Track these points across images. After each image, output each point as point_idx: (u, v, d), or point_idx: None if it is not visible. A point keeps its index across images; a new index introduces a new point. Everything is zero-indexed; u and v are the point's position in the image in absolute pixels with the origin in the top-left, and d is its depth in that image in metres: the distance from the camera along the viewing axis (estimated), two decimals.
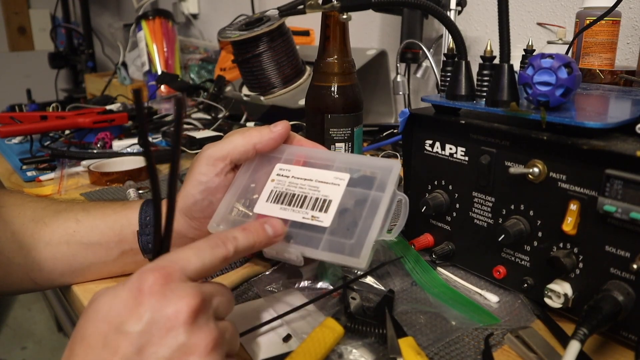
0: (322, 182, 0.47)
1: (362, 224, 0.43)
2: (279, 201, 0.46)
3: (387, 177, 0.46)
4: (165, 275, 0.32)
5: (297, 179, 0.48)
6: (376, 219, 0.43)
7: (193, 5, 2.02)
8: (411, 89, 1.12)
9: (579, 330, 0.37)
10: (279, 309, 0.46)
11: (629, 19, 0.86)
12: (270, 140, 0.49)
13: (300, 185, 0.47)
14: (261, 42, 0.98)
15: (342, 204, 0.45)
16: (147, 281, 0.32)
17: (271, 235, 0.42)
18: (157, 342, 0.31)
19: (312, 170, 0.48)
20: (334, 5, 0.57)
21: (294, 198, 0.46)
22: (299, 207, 0.45)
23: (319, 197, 0.46)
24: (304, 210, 0.45)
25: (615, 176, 0.39)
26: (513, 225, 0.46)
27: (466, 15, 1.11)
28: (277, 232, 0.42)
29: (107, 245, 0.50)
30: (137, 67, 1.63)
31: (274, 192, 0.47)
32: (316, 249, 0.43)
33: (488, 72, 0.50)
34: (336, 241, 0.43)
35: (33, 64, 2.68)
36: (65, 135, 1.02)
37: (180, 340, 0.31)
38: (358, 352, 0.41)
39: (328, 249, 0.43)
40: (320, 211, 0.45)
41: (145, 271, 0.32)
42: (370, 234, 0.42)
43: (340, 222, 0.44)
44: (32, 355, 1.85)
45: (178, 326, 0.31)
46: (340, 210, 0.44)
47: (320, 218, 0.44)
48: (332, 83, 0.63)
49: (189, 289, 0.33)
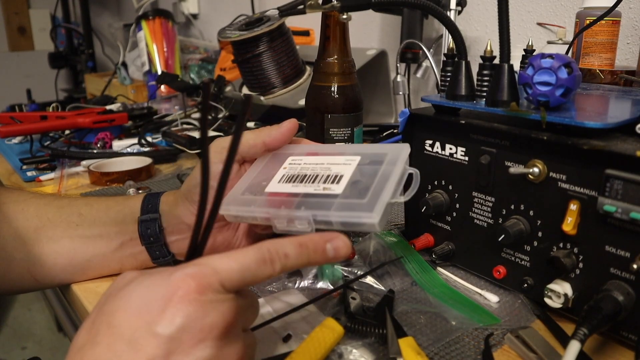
0: (333, 164, 0.47)
1: (375, 187, 0.43)
2: (291, 181, 0.47)
3: (397, 154, 0.45)
4: (205, 285, 0.31)
5: (309, 164, 0.48)
6: (389, 183, 0.42)
7: (193, 5, 2.02)
8: (411, 89, 1.12)
9: (579, 330, 0.37)
10: (279, 309, 0.46)
11: (629, 19, 0.86)
12: (279, 135, 0.50)
13: (312, 167, 0.47)
14: (261, 42, 0.98)
15: (353, 177, 0.45)
16: (186, 286, 0.30)
17: (330, 257, 0.36)
18: (186, 350, 0.30)
19: (323, 157, 0.48)
20: (334, 5, 0.57)
21: (305, 177, 0.46)
22: (310, 183, 0.45)
23: (330, 174, 0.46)
24: (316, 185, 0.45)
25: (615, 176, 0.39)
26: (513, 225, 0.46)
27: (466, 15, 1.11)
28: (339, 254, 0.36)
29: (108, 236, 0.50)
30: (137, 67, 1.63)
31: (286, 175, 0.48)
32: (328, 211, 0.42)
33: (488, 72, 0.50)
34: (348, 202, 0.42)
35: (33, 64, 2.68)
36: (65, 135, 1.02)
37: (209, 353, 0.30)
38: (358, 352, 0.41)
39: (340, 209, 0.42)
40: (332, 183, 0.44)
41: (186, 276, 0.31)
42: (383, 193, 0.41)
43: (353, 190, 0.43)
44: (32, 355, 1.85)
45: (210, 339, 0.30)
46: (352, 182, 0.44)
47: (332, 188, 0.44)
48: (332, 83, 0.63)
49: (227, 303, 0.31)
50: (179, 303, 0.30)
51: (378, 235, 0.56)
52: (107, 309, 0.31)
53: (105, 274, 0.53)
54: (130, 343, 0.30)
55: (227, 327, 0.31)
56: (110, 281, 0.52)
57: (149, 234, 0.50)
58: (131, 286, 0.32)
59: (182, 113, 1.18)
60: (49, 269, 0.50)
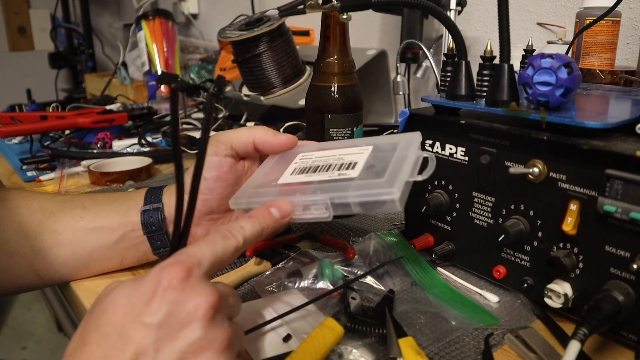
0: (346, 154, 0.45)
1: (392, 167, 0.41)
2: (303, 172, 0.45)
3: (409, 140, 0.45)
4: (185, 270, 0.33)
5: (321, 157, 0.47)
6: (406, 162, 0.41)
7: (193, 5, 2.02)
8: (411, 89, 1.12)
9: (579, 330, 0.37)
10: (279, 309, 0.46)
11: (629, 19, 0.86)
12: (273, 140, 0.50)
13: (324, 159, 0.46)
14: (261, 42, 0.98)
15: (367, 162, 0.43)
16: (167, 276, 0.32)
17: (278, 218, 0.41)
18: (174, 335, 0.31)
19: (334, 150, 0.47)
20: (334, 5, 0.57)
21: (318, 167, 0.45)
22: (324, 172, 0.44)
23: (344, 162, 0.44)
24: (330, 172, 0.43)
25: (615, 176, 0.39)
26: (513, 225, 0.46)
27: (466, 15, 1.11)
28: (285, 213, 0.41)
29: (110, 227, 0.51)
30: (137, 67, 1.63)
31: (298, 168, 0.46)
32: (345, 192, 0.40)
33: (488, 72, 0.50)
34: (366, 182, 0.41)
35: (33, 64, 2.68)
36: (65, 135, 1.02)
37: (197, 335, 0.31)
38: (358, 352, 0.41)
39: (358, 189, 0.40)
40: (347, 170, 0.43)
41: (166, 266, 0.33)
42: (401, 172, 0.40)
43: (369, 173, 0.42)
44: (32, 355, 1.85)
45: (196, 321, 0.31)
46: (367, 167, 0.43)
47: (347, 173, 0.42)
48: (332, 83, 0.63)
49: (208, 286, 0.33)
50: (164, 292, 0.32)
51: (378, 235, 0.56)
52: (94, 314, 0.33)
53: (107, 269, 0.53)
54: (120, 337, 0.31)
55: (212, 309, 0.32)
56: (111, 280, 0.53)
57: (151, 222, 0.51)
58: (116, 290, 0.33)
59: (182, 113, 1.18)
60: (51, 263, 0.50)
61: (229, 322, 0.34)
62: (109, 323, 0.31)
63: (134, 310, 0.31)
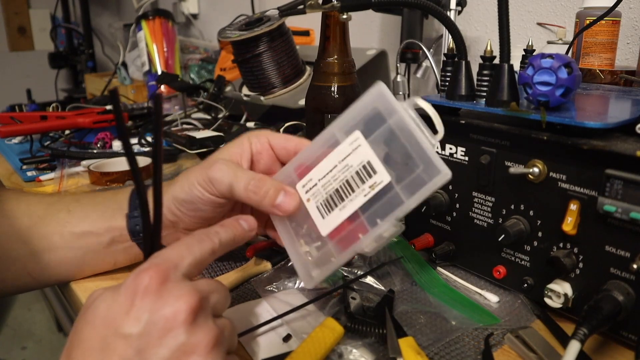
0: (345, 158, 0.42)
1: (411, 147, 0.39)
2: (331, 207, 0.42)
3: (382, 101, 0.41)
4: (161, 274, 0.32)
5: (324, 177, 0.43)
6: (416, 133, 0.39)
7: (193, 5, 2.02)
8: (411, 89, 1.12)
9: (579, 330, 0.37)
10: (279, 309, 0.46)
11: (629, 19, 0.86)
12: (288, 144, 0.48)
13: (332, 177, 0.43)
14: (261, 42, 0.98)
15: (379, 155, 0.41)
16: (143, 282, 0.32)
17: (246, 229, 0.41)
18: (156, 343, 0.31)
19: (327, 160, 0.43)
20: (334, 5, 0.57)
21: (339, 191, 0.42)
22: (351, 193, 0.41)
23: (357, 170, 0.41)
24: (358, 190, 0.41)
25: (615, 176, 0.39)
26: (513, 225, 0.46)
27: (466, 15, 1.11)
28: (251, 226, 0.42)
29: (98, 232, 0.50)
30: (137, 67, 1.63)
31: (321, 205, 0.43)
32: (403, 203, 0.38)
33: (488, 72, 0.50)
34: (409, 181, 0.38)
35: (33, 64, 2.68)
36: (65, 135, 1.02)
37: (180, 340, 0.31)
38: (358, 352, 0.41)
39: (411, 193, 0.38)
40: (370, 177, 0.40)
41: (141, 271, 0.32)
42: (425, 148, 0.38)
43: (394, 166, 0.40)
44: (32, 355, 1.85)
45: (177, 326, 0.31)
46: (384, 160, 0.40)
47: (377, 182, 0.40)
48: (332, 83, 0.63)
49: (186, 287, 0.33)
50: (142, 300, 0.31)
51: None
52: (78, 327, 0.33)
53: (101, 270, 0.53)
54: (102, 351, 0.31)
55: (193, 312, 0.32)
56: (110, 279, 0.53)
57: (137, 230, 0.50)
58: (96, 302, 0.33)
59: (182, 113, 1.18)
60: (45, 266, 0.50)
61: (213, 321, 0.33)
62: (90, 337, 0.31)
63: (114, 321, 0.31)
